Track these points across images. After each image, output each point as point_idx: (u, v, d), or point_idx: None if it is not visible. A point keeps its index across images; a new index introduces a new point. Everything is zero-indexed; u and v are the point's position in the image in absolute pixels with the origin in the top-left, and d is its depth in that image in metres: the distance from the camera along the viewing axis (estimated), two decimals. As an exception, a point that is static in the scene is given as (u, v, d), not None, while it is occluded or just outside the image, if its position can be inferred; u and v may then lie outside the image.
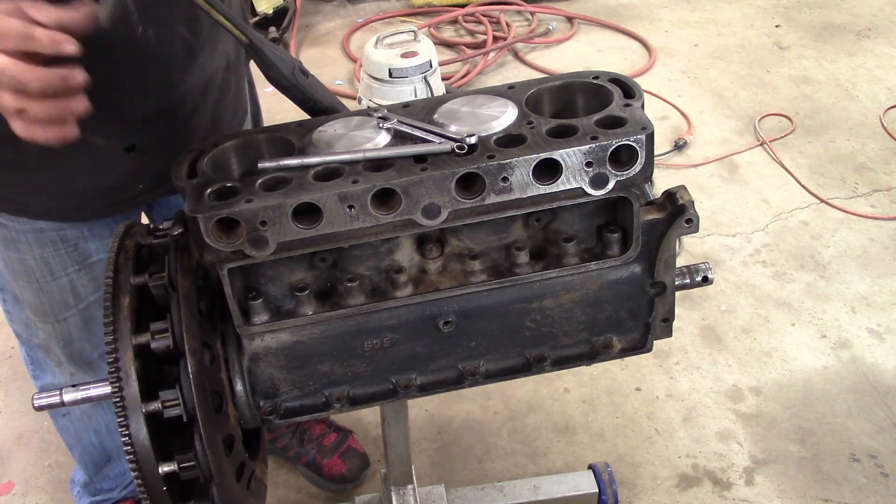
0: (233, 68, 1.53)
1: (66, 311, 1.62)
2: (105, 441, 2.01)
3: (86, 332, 1.67)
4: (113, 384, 1.08)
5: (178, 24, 1.31)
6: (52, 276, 1.56)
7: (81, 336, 1.67)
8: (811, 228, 3.09)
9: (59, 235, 1.51)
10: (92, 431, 1.98)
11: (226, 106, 1.54)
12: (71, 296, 1.60)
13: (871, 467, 2.27)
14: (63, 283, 1.57)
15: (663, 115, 3.76)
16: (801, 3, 4.65)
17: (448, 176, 1.05)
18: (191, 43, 1.35)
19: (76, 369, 1.74)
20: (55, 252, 1.53)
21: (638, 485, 2.26)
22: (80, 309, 1.62)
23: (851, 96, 3.83)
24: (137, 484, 1.10)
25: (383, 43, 3.59)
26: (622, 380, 2.55)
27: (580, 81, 1.22)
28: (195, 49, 1.37)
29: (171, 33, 1.31)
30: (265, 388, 1.22)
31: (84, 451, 2.03)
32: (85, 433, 1.98)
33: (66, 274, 1.56)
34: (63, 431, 2.01)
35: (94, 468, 2.07)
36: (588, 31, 4.55)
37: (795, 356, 2.60)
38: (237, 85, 1.59)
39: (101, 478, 2.10)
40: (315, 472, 2.28)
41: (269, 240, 1.05)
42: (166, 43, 1.31)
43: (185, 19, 1.32)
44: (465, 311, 1.22)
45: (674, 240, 1.22)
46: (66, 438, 2.03)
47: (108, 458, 2.05)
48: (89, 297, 1.61)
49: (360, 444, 2.33)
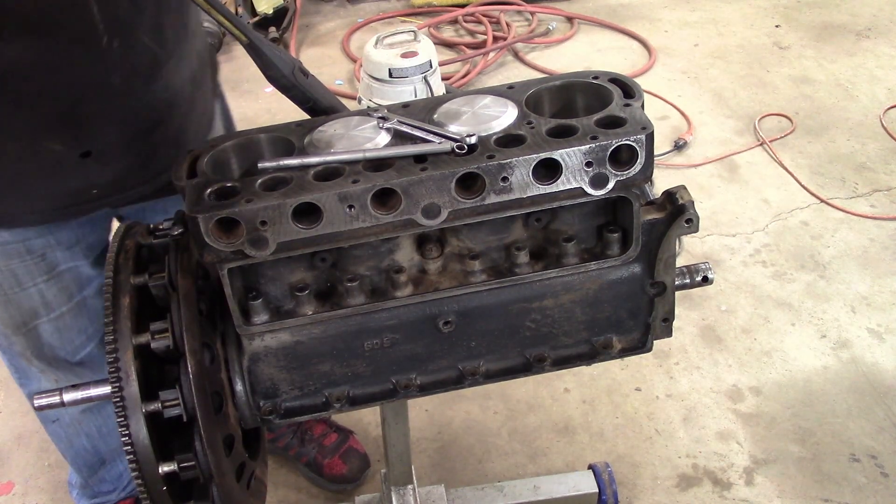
0: (198, 82, 1.53)
1: (37, 319, 1.61)
2: (98, 444, 2.00)
3: (58, 340, 1.66)
4: (113, 384, 1.08)
5: (144, 35, 1.32)
6: (21, 287, 1.55)
7: (53, 344, 1.66)
8: (811, 228, 3.09)
9: (24, 247, 1.50)
10: (84, 436, 1.97)
11: (191, 121, 1.54)
12: (41, 306, 1.60)
13: (871, 467, 2.27)
14: (32, 294, 1.57)
15: (663, 115, 3.76)
16: (801, 3, 4.65)
17: (448, 176, 1.05)
18: (155, 54, 1.36)
19: (59, 375, 1.74)
20: (22, 263, 1.52)
21: (638, 485, 2.26)
22: (51, 318, 1.62)
23: (851, 96, 3.83)
24: (137, 484, 1.10)
25: (383, 43, 3.59)
26: (622, 380, 2.55)
27: (580, 81, 1.22)
28: (160, 60, 1.38)
29: (136, 44, 1.32)
30: (265, 388, 1.22)
31: (77, 455, 2.02)
32: (76, 438, 1.97)
33: (35, 284, 1.56)
34: (54, 437, 2.00)
35: (88, 471, 2.06)
36: (588, 31, 4.55)
37: (795, 356, 2.60)
38: (204, 101, 1.58)
39: (97, 480, 2.09)
40: (316, 473, 2.28)
41: (269, 240, 1.05)
42: (131, 53, 1.32)
43: (150, 30, 1.33)
44: (465, 311, 1.22)
45: (674, 240, 1.22)
46: (58, 443, 2.02)
47: (103, 460, 2.04)
48: (61, 307, 1.61)
49: (360, 445, 2.33)
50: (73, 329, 1.66)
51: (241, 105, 4.05)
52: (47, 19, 1.19)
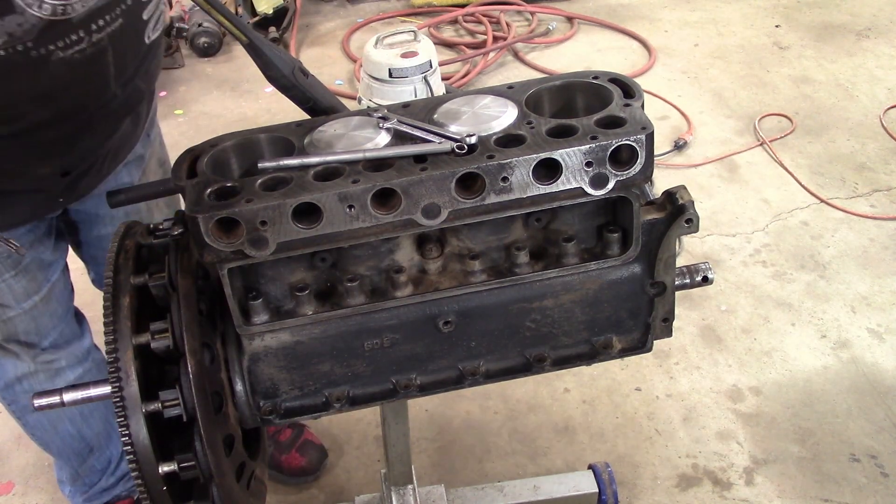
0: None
1: (10, 312, 1.67)
2: (83, 429, 1.99)
3: (33, 326, 1.74)
4: (113, 384, 1.08)
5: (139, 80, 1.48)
6: None
7: (29, 331, 1.74)
8: (811, 228, 3.09)
9: None
10: (67, 420, 1.96)
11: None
12: (11, 299, 1.65)
13: (871, 467, 2.27)
14: (2, 289, 1.63)
15: (663, 115, 3.76)
16: (801, 3, 4.65)
17: (448, 176, 1.05)
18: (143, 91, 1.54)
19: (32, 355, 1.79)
20: None
21: (638, 485, 2.26)
22: (25, 309, 1.68)
23: (851, 96, 3.83)
24: (137, 484, 1.10)
25: (383, 43, 3.59)
26: (622, 380, 2.55)
27: (580, 81, 1.22)
28: (145, 96, 1.57)
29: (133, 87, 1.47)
30: (265, 388, 1.22)
31: (63, 442, 2.00)
32: (60, 423, 1.96)
33: (3, 280, 1.62)
34: (37, 429, 1.98)
35: (77, 460, 2.05)
36: (588, 31, 4.55)
37: (795, 356, 2.60)
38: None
39: (88, 470, 2.08)
40: (275, 469, 2.29)
41: (269, 240, 1.05)
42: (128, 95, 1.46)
43: (143, 73, 1.48)
44: (465, 311, 1.22)
45: (674, 240, 1.22)
46: (42, 435, 2.00)
47: (90, 447, 2.03)
48: (32, 296, 1.68)
49: (316, 437, 2.34)
50: (45, 315, 1.74)
51: (241, 105, 4.05)
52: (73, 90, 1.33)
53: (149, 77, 1.54)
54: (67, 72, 1.25)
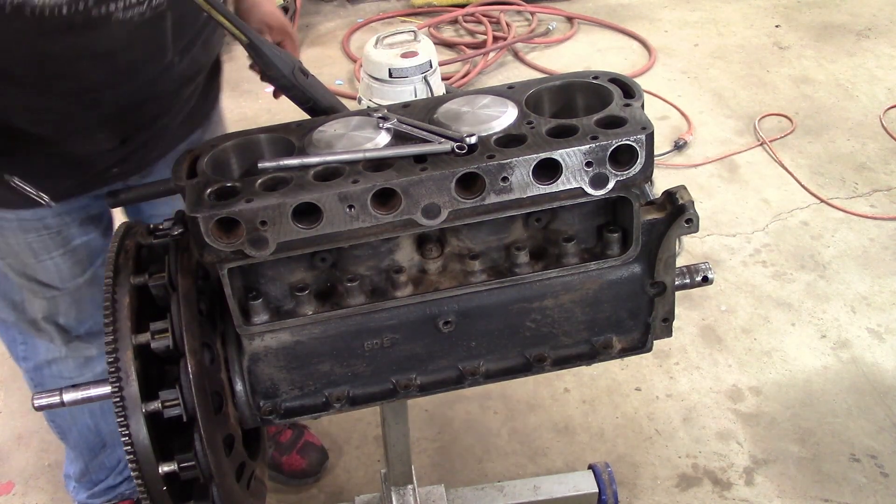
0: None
1: (52, 291, 1.69)
2: (100, 424, 2.01)
3: (74, 310, 1.74)
4: (113, 384, 1.08)
5: (197, 50, 1.51)
6: (37, 260, 1.62)
7: (69, 313, 1.74)
8: (811, 228, 3.09)
9: (42, 223, 1.58)
10: (87, 413, 1.99)
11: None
12: (56, 278, 1.67)
13: (871, 467, 2.27)
14: (48, 266, 1.64)
15: (663, 115, 3.76)
16: (801, 3, 4.65)
17: (448, 176, 1.05)
18: (202, 62, 1.57)
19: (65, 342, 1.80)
20: (38, 238, 1.59)
21: (638, 485, 2.26)
22: (69, 290, 1.69)
23: (851, 96, 3.83)
24: (137, 484, 1.10)
25: (383, 43, 3.58)
26: (622, 380, 2.55)
27: (580, 81, 1.22)
28: (204, 67, 1.60)
29: (192, 57, 1.50)
30: (265, 388, 1.22)
31: (80, 435, 2.03)
32: (80, 415, 1.99)
33: (52, 258, 1.63)
34: (57, 415, 2.01)
35: (89, 454, 2.07)
36: (588, 31, 4.55)
37: (795, 356, 2.60)
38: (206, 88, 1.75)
39: (97, 466, 2.09)
40: (275, 470, 2.28)
41: (269, 240, 1.05)
42: (187, 65, 1.50)
43: (202, 44, 1.53)
44: (465, 311, 1.22)
45: (674, 240, 1.22)
46: (61, 423, 2.03)
47: (104, 443, 2.05)
48: (77, 278, 1.69)
49: (316, 438, 2.34)
50: (87, 299, 1.75)
51: (241, 105, 4.05)
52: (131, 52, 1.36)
53: (208, 50, 1.58)
54: (125, 34, 1.29)
